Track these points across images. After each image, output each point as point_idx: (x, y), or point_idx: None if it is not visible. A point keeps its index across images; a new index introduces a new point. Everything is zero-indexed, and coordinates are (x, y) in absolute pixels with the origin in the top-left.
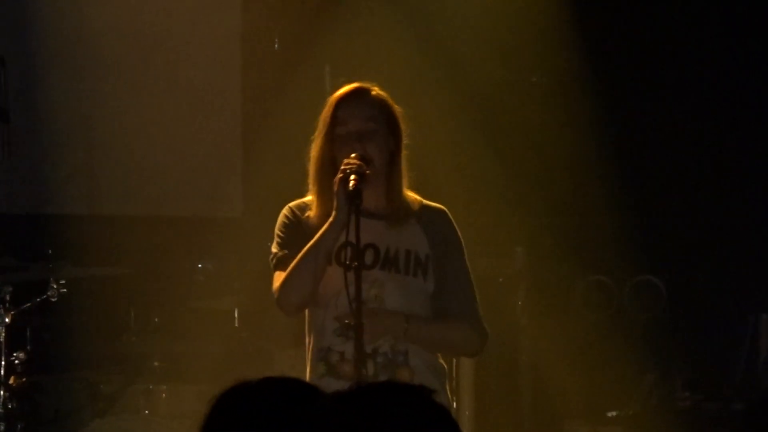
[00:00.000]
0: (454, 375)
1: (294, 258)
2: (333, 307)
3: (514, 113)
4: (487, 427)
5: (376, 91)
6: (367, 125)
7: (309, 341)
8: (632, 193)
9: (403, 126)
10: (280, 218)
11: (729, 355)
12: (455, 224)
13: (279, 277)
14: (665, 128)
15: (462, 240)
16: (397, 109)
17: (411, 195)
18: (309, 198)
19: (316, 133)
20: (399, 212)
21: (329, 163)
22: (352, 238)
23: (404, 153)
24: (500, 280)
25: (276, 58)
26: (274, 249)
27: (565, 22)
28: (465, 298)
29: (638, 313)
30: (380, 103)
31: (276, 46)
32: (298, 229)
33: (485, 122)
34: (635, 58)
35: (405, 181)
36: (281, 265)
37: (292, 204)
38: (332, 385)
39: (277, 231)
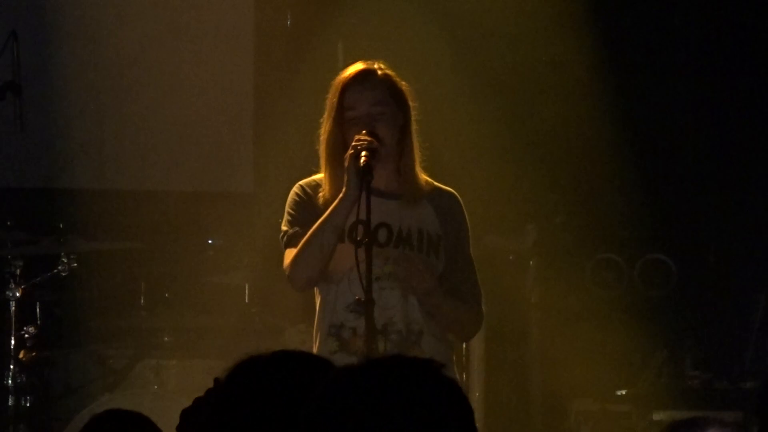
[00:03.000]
0: (463, 352)
1: (305, 235)
2: (345, 283)
3: (527, 89)
4: (497, 405)
5: (382, 69)
6: (375, 109)
7: (318, 317)
8: (643, 171)
9: (411, 102)
10: (291, 196)
11: (739, 333)
12: (465, 209)
13: (290, 255)
14: (677, 107)
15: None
16: (404, 85)
17: (423, 177)
18: (319, 176)
19: (325, 116)
20: (412, 190)
21: (340, 146)
22: (363, 215)
23: (415, 128)
24: (511, 257)
25: (288, 34)
26: (284, 227)
27: (580, 3)
28: (472, 283)
29: (648, 291)
30: (387, 83)
31: (288, 22)
32: (308, 206)
33: (498, 100)
34: (649, 38)
35: (418, 158)
36: (292, 242)
37: (302, 182)
38: (345, 360)
39: (287, 209)
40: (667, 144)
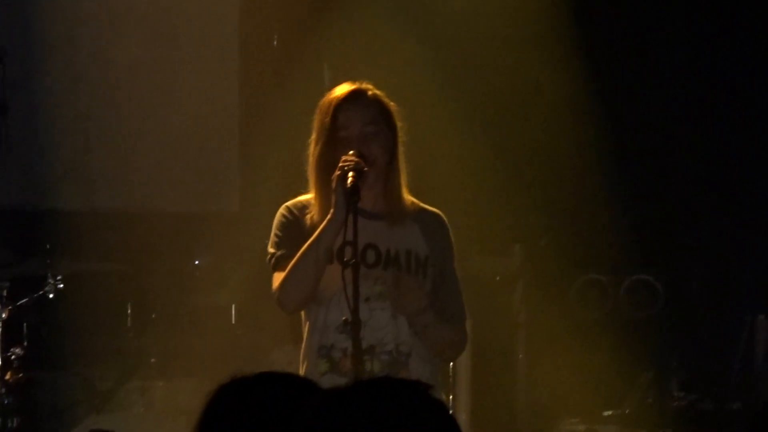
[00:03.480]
0: (450, 373)
1: (292, 257)
2: (335, 304)
3: (513, 111)
4: (484, 425)
5: (371, 90)
6: (368, 128)
7: (307, 338)
8: (629, 192)
9: (399, 123)
10: (278, 218)
11: (725, 355)
12: (450, 229)
13: (278, 277)
14: (663, 128)
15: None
16: (393, 106)
17: (408, 197)
18: (306, 197)
19: (315, 137)
20: (399, 211)
21: (331, 166)
22: (351, 236)
23: (401, 150)
24: (497, 278)
25: (274, 55)
26: (271, 249)
27: (564, 17)
28: (458, 303)
29: (634, 312)
30: (378, 103)
31: (275, 42)
32: (296, 228)
33: (483, 120)
34: (633, 58)
35: (404, 180)
36: (280, 265)
37: (289, 203)
38: (335, 381)
39: (274, 231)
40: (653, 165)
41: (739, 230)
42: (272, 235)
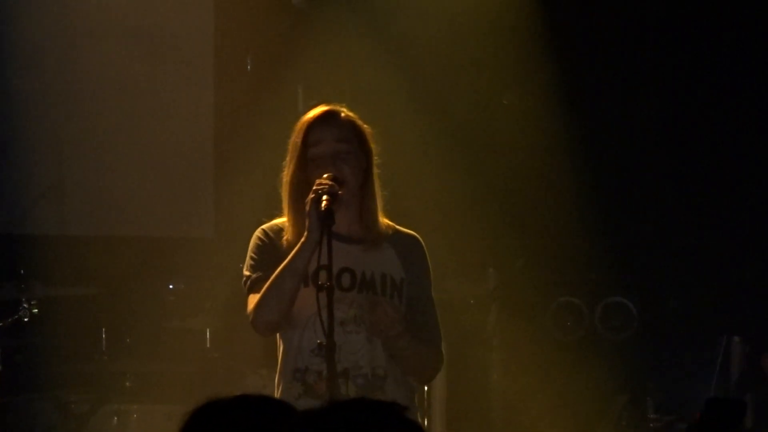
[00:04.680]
0: (425, 396)
1: (267, 280)
2: (310, 327)
3: (488, 133)
4: None
5: (345, 112)
6: (340, 146)
7: (282, 362)
8: (604, 215)
9: (373, 145)
10: (253, 241)
11: (700, 377)
12: (426, 252)
13: (253, 300)
14: (638, 150)
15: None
16: (366, 128)
17: (383, 221)
18: (281, 220)
19: (288, 158)
20: (373, 235)
21: (304, 187)
22: (325, 259)
23: (376, 173)
24: (471, 301)
25: (248, 78)
26: (246, 272)
27: (540, 41)
28: (433, 325)
29: (609, 335)
30: (351, 125)
31: (248, 66)
32: (271, 251)
33: (458, 142)
34: (607, 78)
35: (379, 202)
36: (255, 287)
37: (264, 226)
38: (310, 405)
39: (250, 253)
40: (629, 188)
41: (713, 252)
42: (248, 257)
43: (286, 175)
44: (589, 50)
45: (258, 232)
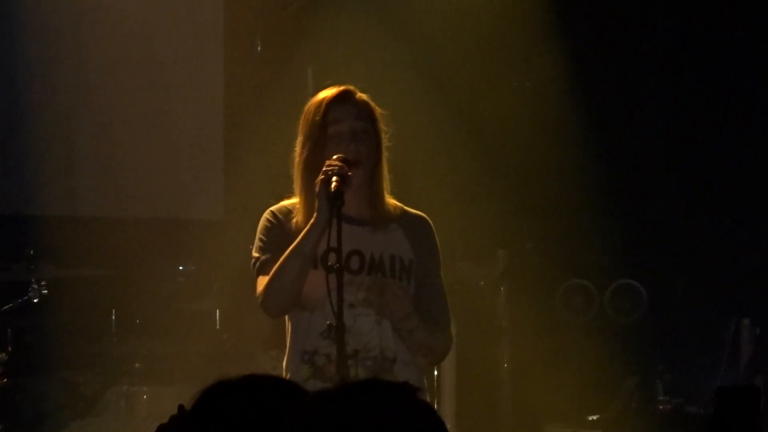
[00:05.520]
0: (435, 378)
1: (276, 262)
2: (320, 310)
3: (497, 115)
4: (469, 429)
5: (359, 93)
6: (360, 125)
7: (290, 344)
8: (614, 197)
9: (383, 127)
10: (262, 222)
11: (710, 359)
12: (435, 232)
13: (262, 282)
14: (648, 132)
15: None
16: (378, 110)
17: (391, 201)
18: (291, 201)
19: (302, 137)
20: (382, 217)
21: (320, 167)
22: (334, 240)
23: (385, 155)
24: (481, 282)
25: (258, 60)
26: (256, 254)
27: (548, 24)
28: (442, 306)
29: (619, 317)
30: (366, 105)
31: (258, 47)
32: (280, 232)
33: (467, 124)
34: (618, 60)
35: (387, 185)
36: (264, 269)
37: (273, 208)
38: (319, 387)
39: (258, 235)
40: (639, 170)
41: (723, 235)
42: (257, 239)
43: (300, 154)
44: (599, 33)
45: (267, 214)
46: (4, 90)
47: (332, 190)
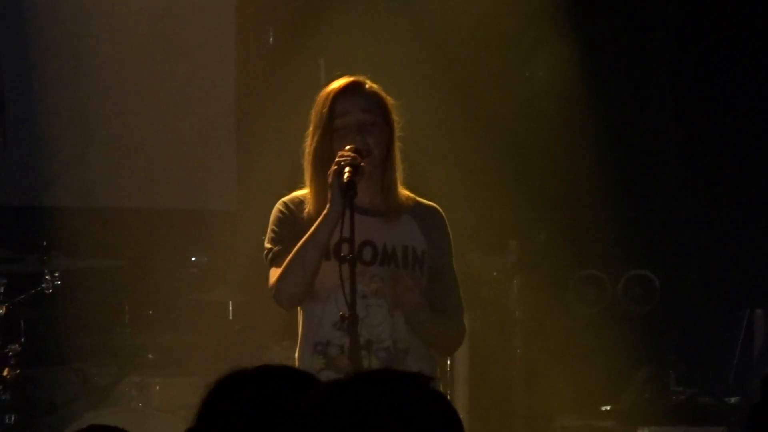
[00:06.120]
0: (447, 369)
1: (289, 253)
2: (332, 301)
3: (508, 106)
4: (481, 420)
5: (369, 83)
6: (366, 117)
7: (303, 335)
8: (626, 187)
9: (395, 117)
10: (274, 213)
11: (723, 349)
12: (447, 223)
13: (275, 273)
14: (660, 122)
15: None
16: (390, 100)
17: (404, 192)
18: (303, 192)
19: (312, 129)
20: (394, 207)
21: (328, 158)
22: (347, 231)
23: (398, 145)
24: (494, 273)
25: (270, 51)
26: (268, 245)
27: (561, 15)
28: (455, 297)
29: (632, 307)
30: (375, 96)
31: (270, 39)
32: (292, 223)
33: (479, 115)
34: (630, 51)
35: (399, 175)
36: (276, 260)
37: (285, 198)
38: (331, 378)
39: (271, 226)
40: (651, 160)
41: (736, 225)
42: (269, 230)
43: (309, 146)
44: (613, 23)
45: (279, 205)
46: (18, 82)
47: (345, 180)
